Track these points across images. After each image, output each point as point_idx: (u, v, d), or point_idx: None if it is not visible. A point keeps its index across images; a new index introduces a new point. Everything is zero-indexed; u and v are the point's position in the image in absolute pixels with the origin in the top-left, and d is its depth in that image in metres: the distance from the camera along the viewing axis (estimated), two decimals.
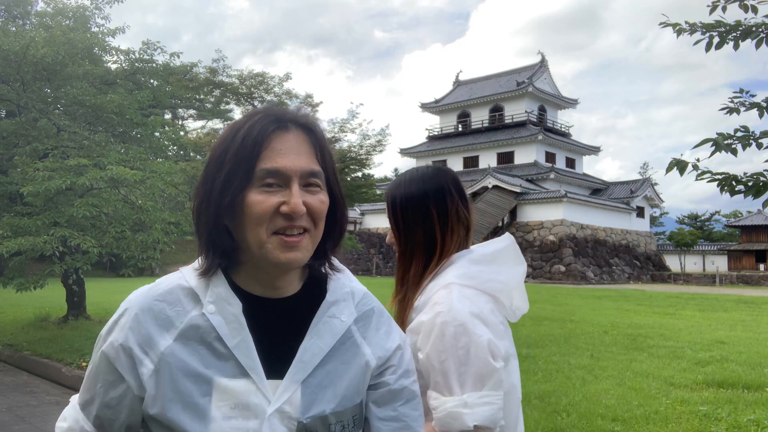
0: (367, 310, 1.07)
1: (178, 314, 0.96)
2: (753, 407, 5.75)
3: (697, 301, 20.72)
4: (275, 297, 1.01)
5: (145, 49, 12.16)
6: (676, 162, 3.66)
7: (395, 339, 1.07)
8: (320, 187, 0.97)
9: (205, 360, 0.93)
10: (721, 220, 71.79)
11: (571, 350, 9.03)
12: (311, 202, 0.94)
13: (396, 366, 1.05)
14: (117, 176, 8.02)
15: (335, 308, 1.03)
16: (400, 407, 1.04)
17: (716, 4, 4.17)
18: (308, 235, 0.95)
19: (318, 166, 0.97)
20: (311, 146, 0.98)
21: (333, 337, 1.00)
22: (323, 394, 0.97)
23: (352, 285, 1.09)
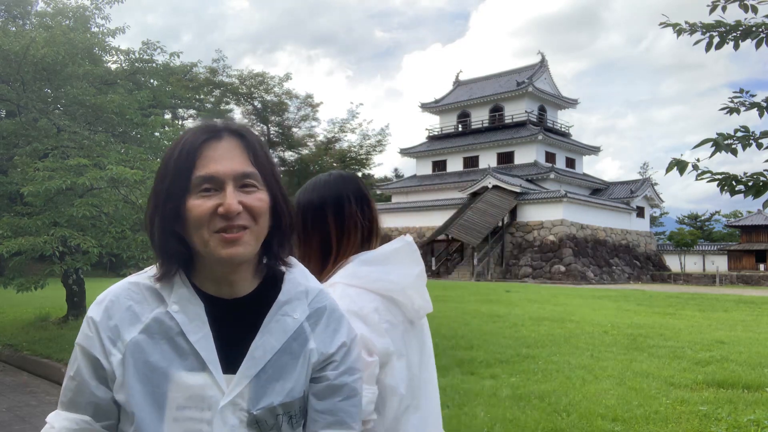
0: (320, 308, 1.13)
1: (144, 310, 1.05)
2: (753, 407, 5.75)
3: (697, 301, 20.72)
4: (231, 297, 1.09)
5: (145, 49, 12.16)
6: (676, 162, 3.67)
7: (341, 336, 1.12)
8: (257, 187, 1.05)
9: (166, 354, 1.02)
10: (721, 220, 71.82)
11: (571, 350, 9.03)
12: (248, 200, 1.03)
13: (338, 362, 1.11)
14: (117, 176, 8.01)
15: (288, 307, 1.09)
16: (339, 402, 1.09)
17: (716, 4, 4.17)
18: (249, 231, 1.03)
19: (252, 168, 1.05)
20: (244, 150, 1.06)
21: (285, 334, 1.07)
22: (272, 387, 1.04)
23: (307, 284, 1.14)
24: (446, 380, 6.69)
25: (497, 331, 11.16)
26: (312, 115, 19.31)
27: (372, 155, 41.10)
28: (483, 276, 39.95)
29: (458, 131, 54.43)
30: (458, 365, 7.61)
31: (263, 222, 1.05)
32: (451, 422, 5.08)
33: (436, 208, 46.95)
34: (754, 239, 49.23)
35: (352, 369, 1.12)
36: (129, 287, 1.08)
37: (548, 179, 45.37)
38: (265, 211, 1.05)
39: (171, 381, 1.01)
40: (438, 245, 43.95)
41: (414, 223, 48.41)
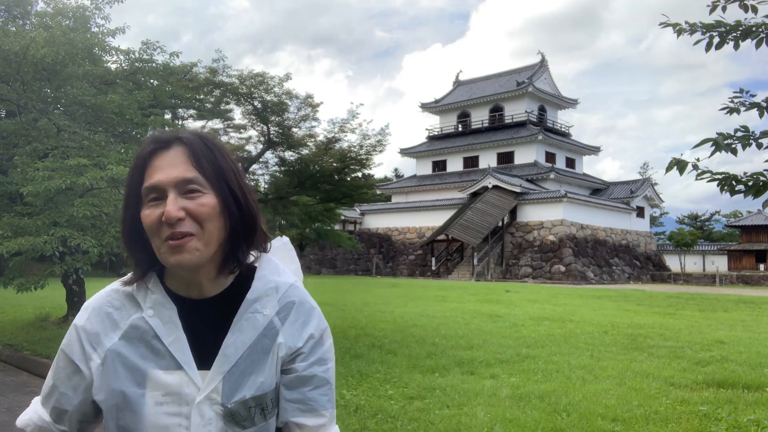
0: (288, 302, 1.16)
1: (122, 317, 1.12)
2: (753, 407, 5.75)
3: (697, 301, 20.72)
4: (201, 297, 1.14)
5: (144, 49, 12.15)
6: (676, 162, 3.67)
7: (309, 329, 1.15)
8: (201, 192, 1.07)
9: (144, 356, 1.09)
10: (721, 220, 71.85)
11: (571, 350, 9.03)
12: (190, 206, 1.05)
13: (306, 354, 1.14)
14: (117, 176, 8.01)
15: (258, 304, 1.13)
16: (309, 392, 1.14)
17: (716, 4, 4.17)
18: (195, 238, 1.05)
19: (194, 173, 1.07)
20: (188, 157, 1.08)
21: (255, 330, 1.11)
22: (245, 381, 1.09)
23: (277, 279, 1.17)
24: (446, 380, 6.69)
25: (497, 331, 11.16)
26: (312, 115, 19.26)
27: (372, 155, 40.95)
28: (483, 276, 39.94)
29: (458, 131, 54.44)
30: (458, 365, 7.61)
31: (211, 226, 1.07)
32: (451, 422, 5.08)
33: (436, 208, 46.95)
34: (754, 239, 49.23)
35: (322, 360, 1.16)
36: (109, 294, 1.15)
37: (548, 179, 45.37)
38: (210, 215, 1.06)
39: (149, 380, 1.08)
40: (438, 245, 43.96)
41: (414, 223, 48.41)
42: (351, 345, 8.97)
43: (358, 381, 6.62)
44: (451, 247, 43.86)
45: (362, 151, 20.00)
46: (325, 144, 19.57)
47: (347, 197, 20.62)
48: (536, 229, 41.82)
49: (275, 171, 21.23)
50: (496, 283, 35.25)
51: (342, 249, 46.43)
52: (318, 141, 19.63)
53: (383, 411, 5.40)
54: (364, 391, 6.18)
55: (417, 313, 14.33)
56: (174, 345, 1.09)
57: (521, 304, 17.46)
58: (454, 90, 58.07)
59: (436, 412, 5.41)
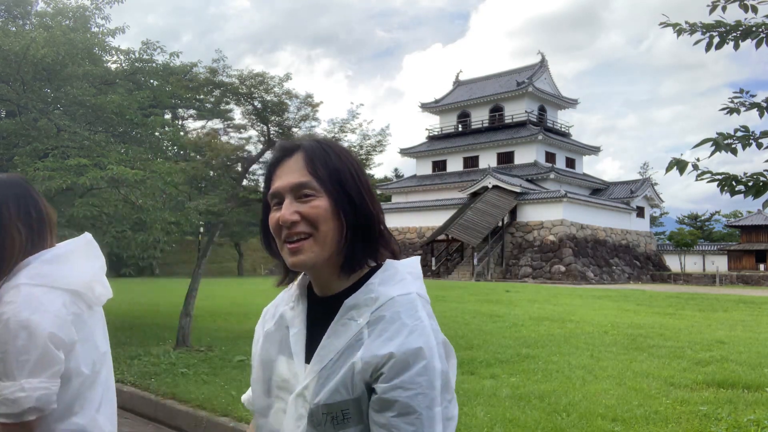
0: (381, 316, 1.09)
1: (278, 308, 1.27)
2: (753, 407, 5.75)
3: (697, 301, 20.72)
4: (324, 295, 1.19)
5: (144, 49, 12.14)
6: (676, 162, 3.67)
7: (390, 346, 1.05)
8: (314, 195, 1.11)
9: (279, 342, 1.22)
10: (721, 220, 71.81)
11: (571, 350, 9.03)
12: (302, 209, 1.11)
13: (386, 375, 1.04)
14: (117, 176, 8.01)
15: (355, 311, 1.12)
16: (392, 418, 1.03)
17: (716, 4, 4.17)
18: (311, 239, 1.10)
19: (307, 177, 1.12)
20: (304, 162, 1.14)
21: (345, 336, 1.10)
22: (325, 386, 1.08)
23: (381, 289, 1.12)
24: None
25: (497, 331, 11.16)
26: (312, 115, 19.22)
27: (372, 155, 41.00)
28: (483, 276, 39.95)
29: (458, 131, 54.43)
30: (458, 365, 7.60)
31: (325, 227, 1.11)
32: None
33: (436, 208, 46.95)
34: (754, 239, 49.23)
35: (407, 385, 1.03)
36: (284, 291, 1.30)
37: (548, 179, 45.37)
38: (323, 217, 1.10)
39: (275, 366, 1.20)
40: (438, 245, 43.96)
41: (414, 223, 48.41)
42: None
43: None
44: (451, 247, 43.87)
45: (362, 152, 20.00)
46: None
47: None
48: (536, 229, 41.82)
49: None
50: (496, 283, 35.26)
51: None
52: None
53: None
54: None
55: None
56: (294, 337, 1.18)
57: (521, 304, 17.46)
58: (454, 90, 58.07)
59: None
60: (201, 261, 9.90)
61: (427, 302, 1.14)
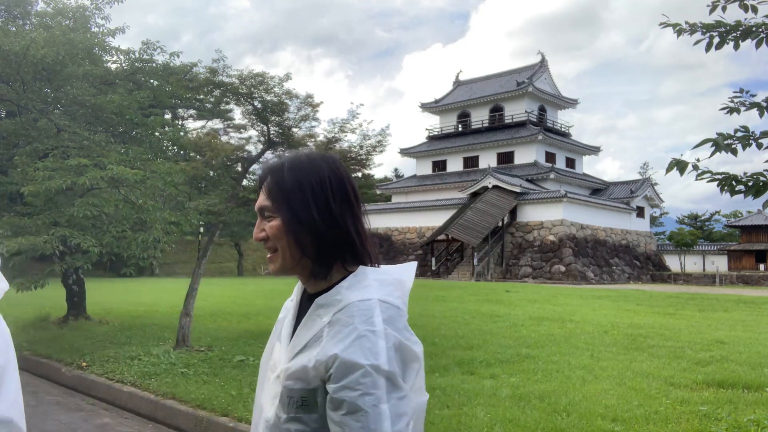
0: (339, 318, 1.19)
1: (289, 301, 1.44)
2: (753, 407, 5.75)
3: (697, 301, 20.72)
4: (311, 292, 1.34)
5: (145, 49, 12.14)
6: (676, 162, 3.67)
7: (336, 348, 1.14)
8: (272, 216, 1.30)
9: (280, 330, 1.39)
10: (721, 220, 71.80)
11: (571, 350, 9.03)
12: (266, 228, 1.31)
13: (334, 375, 1.13)
14: (118, 176, 8.01)
15: (322, 310, 1.24)
16: (342, 416, 1.12)
17: (716, 4, 4.17)
18: (277, 253, 1.30)
19: (266, 202, 1.31)
20: (267, 186, 1.32)
21: (311, 331, 1.24)
22: (291, 370, 1.23)
23: (345, 294, 1.23)
24: (446, 380, 6.69)
25: (497, 331, 11.16)
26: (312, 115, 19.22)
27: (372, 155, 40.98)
28: (483, 276, 39.94)
29: (458, 131, 54.43)
30: (458, 365, 7.61)
31: (281, 244, 1.29)
32: (451, 422, 5.09)
33: (436, 208, 46.95)
34: (754, 239, 49.23)
35: (355, 386, 1.11)
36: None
37: (548, 179, 45.37)
38: (276, 236, 1.29)
39: (274, 349, 1.38)
40: (438, 245, 43.95)
41: (414, 223, 48.41)
42: None
43: None
44: (451, 247, 43.87)
45: (362, 152, 19.99)
46: (325, 144, 19.56)
47: None
48: (536, 229, 41.82)
49: None
50: (496, 283, 35.25)
51: None
52: (318, 141, 19.62)
53: None
54: None
55: (417, 313, 14.33)
56: (286, 326, 1.36)
57: (521, 304, 17.46)
58: (454, 90, 58.07)
59: (436, 412, 5.41)
60: (201, 261, 9.90)
61: (391, 307, 1.19)
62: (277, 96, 18.18)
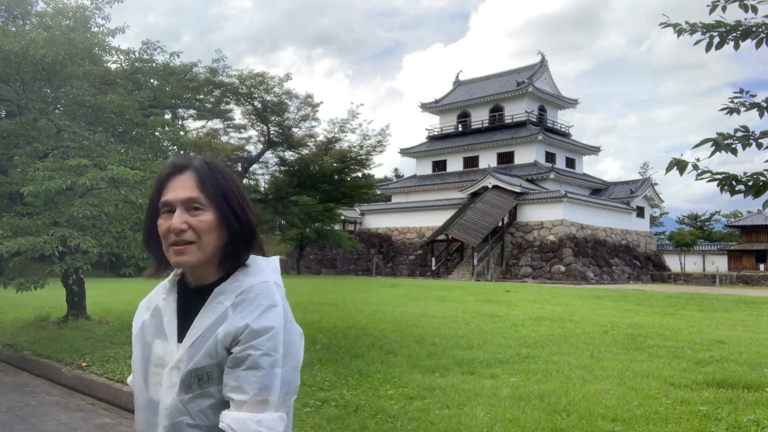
0: (243, 298, 1.35)
1: (155, 300, 1.51)
2: (753, 407, 5.75)
3: (697, 301, 20.72)
4: (197, 285, 1.43)
5: (145, 49, 12.13)
6: (676, 162, 3.67)
7: (247, 319, 1.31)
8: (202, 209, 1.36)
9: (155, 329, 1.45)
10: (721, 220, 71.84)
11: (571, 350, 9.03)
12: (192, 221, 1.35)
13: (242, 341, 1.30)
14: (118, 176, 8.00)
15: (222, 297, 1.37)
16: (240, 371, 1.29)
17: (716, 4, 4.17)
18: (194, 245, 1.35)
19: (197, 194, 1.37)
20: (196, 180, 1.38)
21: (213, 316, 1.36)
22: (196, 355, 1.34)
23: (243, 279, 1.39)
24: (446, 380, 6.69)
25: (497, 331, 11.15)
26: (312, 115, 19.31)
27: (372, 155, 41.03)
28: (483, 276, 39.94)
29: (458, 131, 54.45)
30: (458, 365, 7.61)
31: (207, 237, 1.36)
32: (451, 422, 5.08)
33: (436, 208, 46.95)
34: (754, 239, 49.23)
35: (258, 347, 1.29)
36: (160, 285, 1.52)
37: (548, 179, 45.38)
38: (207, 229, 1.35)
39: (152, 348, 1.44)
40: (438, 245, 43.94)
41: (414, 223, 48.40)
42: (351, 345, 8.97)
43: (358, 381, 6.62)
44: (451, 247, 43.86)
45: (362, 152, 19.99)
46: (325, 144, 19.56)
47: (347, 197, 20.62)
48: (536, 229, 41.82)
49: (275, 171, 21.22)
50: (496, 283, 35.24)
51: (342, 249, 46.41)
52: (318, 141, 19.64)
53: (383, 411, 5.40)
54: (364, 391, 6.18)
55: (417, 313, 14.32)
56: (168, 322, 1.43)
57: (521, 304, 17.46)
58: (454, 90, 58.07)
59: (436, 412, 5.41)
60: None
61: (282, 289, 1.40)
62: (277, 96, 18.16)
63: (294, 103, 18.59)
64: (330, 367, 7.28)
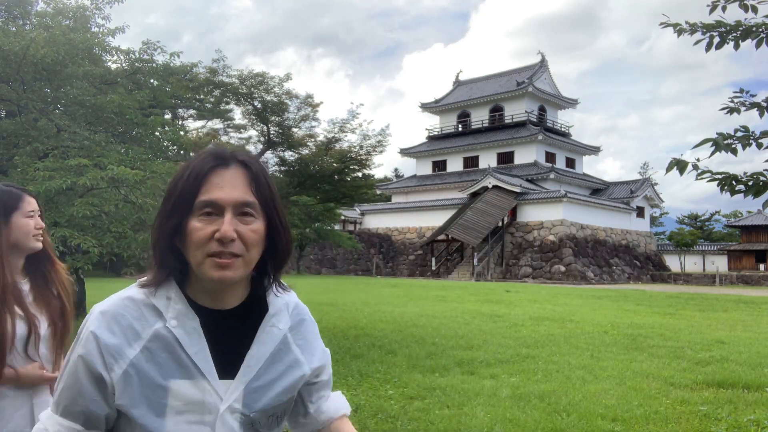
0: (299, 320, 1.27)
1: (143, 327, 1.11)
2: (753, 407, 5.75)
3: (697, 301, 20.72)
4: (221, 308, 1.17)
5: (145, 49, 12.13)
6: (676, 162, 3.67)
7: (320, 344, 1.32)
8: (254, 217, 1.11)
9: (166, 366, 1.10)
10: (721, 220, 71.78)
11: (571, 350, 9.03)
12: (243, 231, 1.09)
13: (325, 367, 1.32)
14: (118, 176, 8.01)
15: (275, 318, 1.21)
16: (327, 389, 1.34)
17: (716, 4, 4.17)
18: (241, 260, 1.10)
19: (252, 198, 1.11)
20: (247, 180, 1.12)
21: (273, 343, 1.19)
22: (266, 392, 1.17)
23: (287, 297, 1.26)
24: (446, 380, 6.69)
25: (497, 331, 11.16)
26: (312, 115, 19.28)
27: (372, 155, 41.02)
28: (483, 276, 39.93)
29: (458, 131, 54.43)
30: (458, 365, 7.61)
31: (255, 252, 1.12)
32: (451, 422, 5.08)
33: (436, 208, 46.94)
34: (754, 239, 49.22)
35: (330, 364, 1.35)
36: (127, 303, 1.13)
37: (548, 179, 45.37)
38: (257, 242, 1.12)
39: (170, 390, 1.09)
40: (438, 245, 43.93)
41: (414, 223, 48.39)
42: (351, 345, 8.97)
43: (358, 381, 6.62)
44: (451, 247, 43.85)
45: (362, 152, 19.98)
46: (325, 144, 19.56)
47: (347, 197, 20.61)
48: (536, 229, 41.81)
49: (275, 171, 21.23)
50: (496, 283, 35.25)
51: (342, 249, 46.39)
52: (318, 141, 19.64)
53: (383, 411, 5.40)
54: (364, 391, 6.18)
55: (417, 313, 14.33)
56: (198, 355, 1.11)
57: (521, 304, 17.46)
58: (454, 90, 58.06)
59: (436, 412, 5.41)
60: None
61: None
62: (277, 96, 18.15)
63: (294, 103, 18.57)
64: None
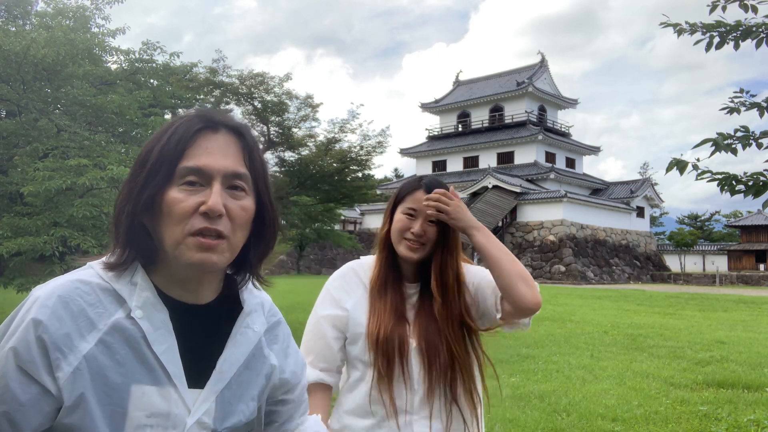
0: (275, 321, 1.10)
1: (100, 316, 0.89)
2: (753, 407, 5.75)
3: (697, 301, 20.72)
4: (195, 303, 0.98)
5: (145, 50, 12.15)
6: (676, 162, 3.67)
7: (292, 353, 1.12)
8: (245, 192, 0.95)
9: (127, 366, 0.88)
10: (721, 220, 71.79)
11: (571, 350, 9.03)
12: (232, 206, 0.92)
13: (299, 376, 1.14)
14: (118, 176, 8.01)
15: (250, 319, 1.03)
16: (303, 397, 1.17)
17: (716, 4, 4.18)
18: (226, 243, 0.92)
19: (244, 169, 0.95)
20: (240, 149, 0.95)
21: (247, 346, 1.01)
22: (238, 404, 0.98)
23: (261, 295, 1.09)
24: None
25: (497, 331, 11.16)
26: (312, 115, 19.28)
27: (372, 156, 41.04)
28: None
29: (458, 131, 54.43)
30: None
31: (240, 235, 0.94)
32: None
33: None
34: (754, 239, 49.22)
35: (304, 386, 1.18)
36: (79, 286, 0.90)
37: (548, 179, 45.36)
38: (245, 223, 0.95)
39: (131, 397, 0.87)
40: None
41: None
42: None
43: None
44: None
45: (362, 152, 19.97)
46: (326, 144, 19.55)
47: (347, 197, 20.61)
48: (536, 229, 41.82)
49: (275, 171, 21.23)
50: None
51: (342, 249, 46.41)
52: (318, 141, 19.64)
53: None
54: None
55: None
56: (166, 355, 0.91)
57: None
58: (454, 90, 58.06)
59: None
60: None
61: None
62: (277, 96, 18.14)
63: (294, 104, 18.56)
64: None
